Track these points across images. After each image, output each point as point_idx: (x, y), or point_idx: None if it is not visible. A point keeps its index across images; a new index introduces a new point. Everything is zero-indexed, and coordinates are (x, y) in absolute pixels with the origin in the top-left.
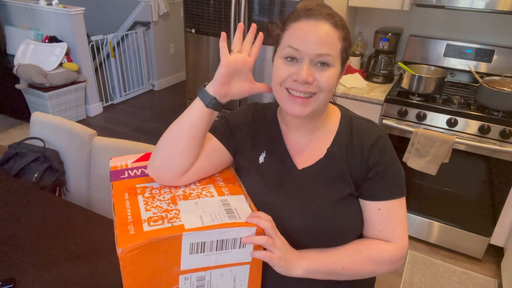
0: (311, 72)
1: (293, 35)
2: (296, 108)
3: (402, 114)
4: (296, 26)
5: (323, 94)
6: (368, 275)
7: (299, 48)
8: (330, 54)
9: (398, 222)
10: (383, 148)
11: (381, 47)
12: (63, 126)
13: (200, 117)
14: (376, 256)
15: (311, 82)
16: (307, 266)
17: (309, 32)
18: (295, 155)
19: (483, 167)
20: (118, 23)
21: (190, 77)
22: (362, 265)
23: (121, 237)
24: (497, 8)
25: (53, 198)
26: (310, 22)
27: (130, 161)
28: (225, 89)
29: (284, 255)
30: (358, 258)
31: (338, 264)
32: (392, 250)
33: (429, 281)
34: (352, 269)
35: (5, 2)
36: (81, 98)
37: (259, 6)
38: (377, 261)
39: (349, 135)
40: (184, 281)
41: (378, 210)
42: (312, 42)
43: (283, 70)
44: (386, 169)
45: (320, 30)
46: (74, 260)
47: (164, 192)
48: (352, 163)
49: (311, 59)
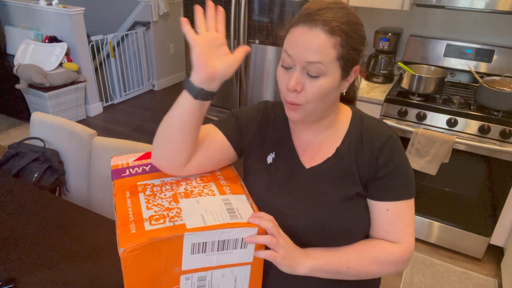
0: (300, 80)
1: (288, 41)
2: (290, 114)
3: (402, 114)
4: (293, 31)
5: (311, 105)
6: (374, 276)
7: (292, 55)
8: (321, 61)
9: (405, 224)
10: (393, 149)
11: (381, 47)
12: (63, 126)
13: (190, 112)
14: (383, 257)
15: (300, 91)
16: (312, 264)
17: (300, 39)
18: (303, 154)
19: (483, 167)
20: (118, 23)
21: None
22: (367, 265)
23: (122, 236)
24: (497, 8)
25: (53, 198)
26: (304, 29)
27: (131, 160)
28: (210, 71)
29: (288, 254)
30: (364, 258)
31: (344, 264)
32: (399, 251)
33: (429, 281)
34: (357, 269)
35: (5, 2)
36: (81, 98)
37: (259, 6)
38: (383, 262)
39: (359, 134)
40: (185, 281)
41: (386, 211)
42: (303, 49)
43: (280, 78)
44: (395, 169)
45: (312, 37)
46: (74, 260)
47: (166, 190)
48: (361, 163)
49: (303, 66)
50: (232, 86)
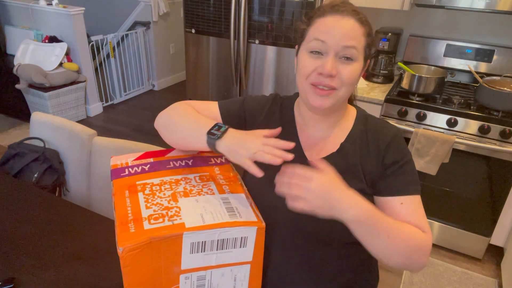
0: (335, 65)
1: (319, 29)
2: (318, 100)
3: (402, 114)
4: (322, 20)
5: (344, 88)
6: (398, 260)
7: (325, 40)
8: (355, 46)
9: (422, 215)
10: (399, 146)
11: (381, 47)
12: (63, 126)
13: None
14: (416, 237)
15: (335, 75)
16: (359, 214)
17: (335, 26)
18: (307, 149)
19: (483, 167)
20: (118, 23)
21: (190, 77)
22: (405, 241)
23: (121, 235)
24: (497, 8)
25: (53, 198)
26: (336, 17)
27: (131, 159)
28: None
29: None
30: (405, 234)
31: (387, 230)
32: (426, 238)
33: (429, 281)
34: (394, 243)
35: (5, 2)
36: (81, 98)
37: (259, 6)
38: (416, 244)
39: (364, 133)
40: (184, 280)
41: (401, 204)
42: (339, 35)
43: (309, 63)
44: (404, 166)
45: (346, 24)
46: (74, 260)
47: (165, 189)
48: (366, 161)
49: (337, 52)
50: (232, 86)
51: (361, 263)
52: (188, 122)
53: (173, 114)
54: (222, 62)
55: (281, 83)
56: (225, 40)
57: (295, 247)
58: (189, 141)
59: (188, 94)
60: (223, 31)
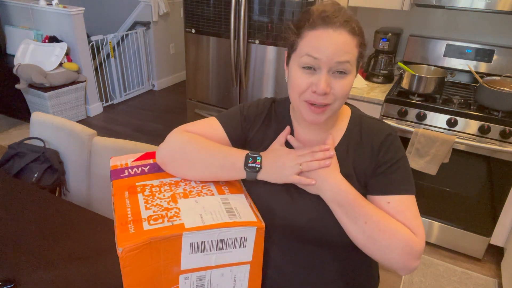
0: (328, 81)
1: (310, 44)
2: (312, 117)
3: (402, 114)
4: (313, 34)
5: (338, 101)
6: (376, 252)
7: (318, 57)
8: (349, 61)
9: (413, 215)
10: (393, 145)
11: (381, 47)
12: (63, 126)
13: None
14: (401, 232)
15: (329, 92)
16: (336, 194)
17: (327, 42)
18: None
19: (483, 167)
20: (118, 23)
21: (190, 77)
22: (385, 233)
23: (121, 236)
24: (497, 8)
25: (53, 198)
26: (328, 31)
27: (130, 160)
28: None
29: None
30: (386, 226)
31: (365, 216)
32: (415, 238)
33: (429, 281)
34: (372, 231)
35: (5, 2)
36: (81, 98)
37: (259, 6)
38: (399, 238)
39: (358, 134)
40: (184, 280)
41: (388, 203)
42: (331, 51)
43: (302, 80)
44: (395, 165)
45: (339, 38)
46: (74, 260)
47: (164, 190)
48: (360, 162)
49: (330, 67)
50: (232, 86)
51: (360, 266)
52: (212, 156)
53: (184, 148)
54: (222, 62)
55: (281, 83)
56: (225, 40)
57: (294, 249)
58: (217, 175)
59: (188, 94)
60: (223, 31)
